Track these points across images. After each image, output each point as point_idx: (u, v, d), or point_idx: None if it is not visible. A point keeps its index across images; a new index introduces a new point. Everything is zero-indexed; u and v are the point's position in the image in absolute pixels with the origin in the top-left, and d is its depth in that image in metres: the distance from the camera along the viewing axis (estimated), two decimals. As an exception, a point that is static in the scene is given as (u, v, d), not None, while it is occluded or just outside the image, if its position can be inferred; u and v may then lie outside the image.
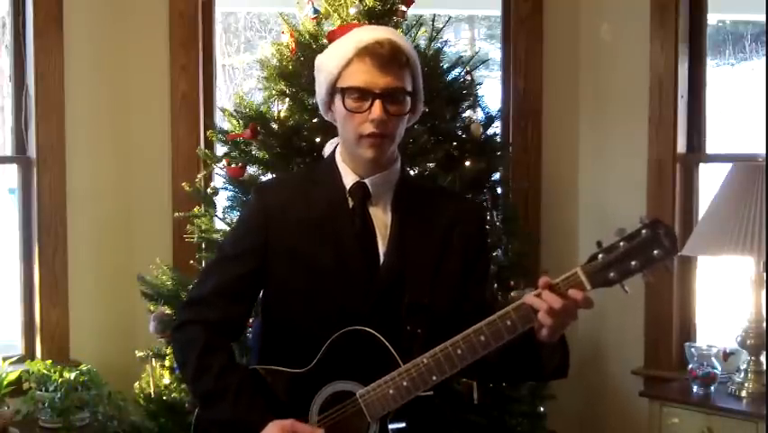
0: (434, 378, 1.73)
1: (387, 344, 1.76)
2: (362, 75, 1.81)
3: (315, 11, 2.92)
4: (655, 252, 1.62)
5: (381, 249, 1.87)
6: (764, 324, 2.88)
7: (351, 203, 1.89)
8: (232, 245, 1.98)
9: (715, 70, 3.62)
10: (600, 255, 1.65)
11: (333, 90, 1.86)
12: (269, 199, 1.94)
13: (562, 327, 1.71)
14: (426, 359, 1.73)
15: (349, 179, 1.90)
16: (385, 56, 1.80)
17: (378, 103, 1.79)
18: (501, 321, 1.70)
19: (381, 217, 1.90)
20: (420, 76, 1.89)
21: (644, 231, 1.63)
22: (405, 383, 1.74)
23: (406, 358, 1.75)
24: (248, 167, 2.92)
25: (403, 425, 1.78)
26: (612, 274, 1.65)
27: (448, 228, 1.90)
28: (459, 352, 1.71)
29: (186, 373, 1.92)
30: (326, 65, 1.87)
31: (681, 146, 3.35)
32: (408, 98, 1.85)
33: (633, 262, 1.63)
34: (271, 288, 1.93)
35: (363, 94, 1.81)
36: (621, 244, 1.64)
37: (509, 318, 1.69)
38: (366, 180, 1.89)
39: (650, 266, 1.63)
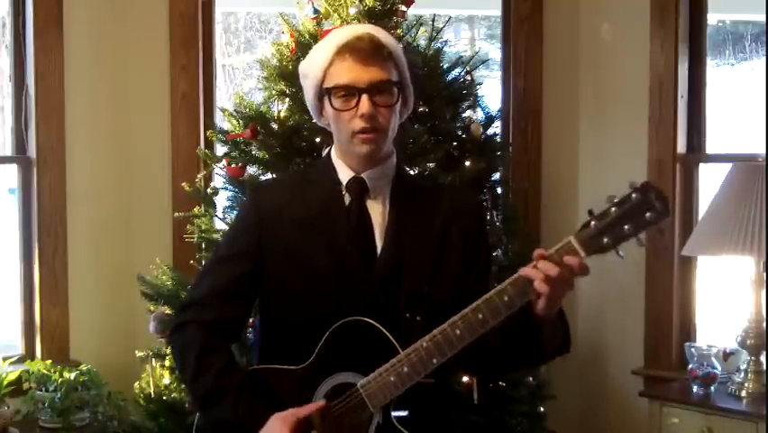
0: (435, 361, 1.71)
1: (385, 332, 1.75)
2: (345, 72, 1.80)
3: (315, 11, 2.91)
4: (648, 215, 1.60)
5: (379, 243, 1.86)
6: (764, 324, 2.88)
7: (347, 199, 1.89)
8: (226, 247, 1.99)
9: (715, 70, 3.62)
10: (593, 222, 1.63)
11: (321, 93, 1.86)
12: (262, 200, 1.94)
13: (559, 297, 1.68)
14: (426, 342, 1.71)
15: (345, 175, 1.89)
16: (365, 50, 1.80)
17: (365, 97, 1.79)
18: (498, 297, 1.68)
19: (379, 212, 1.89)
20: (405, 67, 1.88)
21: (634, 195, 1.62)
22: (405, 369, 1.72)
23: (405, 346, 1.74)
24: (248, 167, 2.92)
25: (406, 413, 1.77)
26: (606, 240, 1.62)
27: (446, 220, 1.89)
28: (458, 332, 1.69)
29: (185, 375, 1.91)
30: (310, 69, 1.87)
31: (681, 146, 3.35)
32: (396, 89, 1.84)
33: (626, 227, 1.61)
34: (269, 288, 1.92)
35: (349, 90, 1.80)
36: (613, 209, 1.62)
37: (506, 294, 1.67)
38: (363, 175, 1.88)
39: (643, 229, 1.61)
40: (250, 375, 1.88)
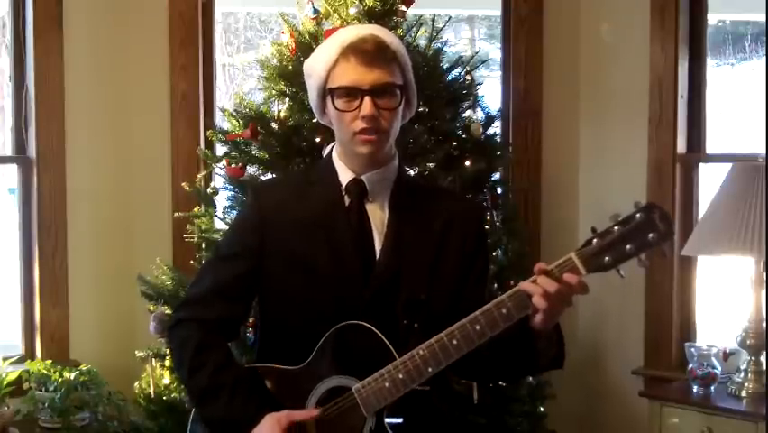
0: (430, 369, 1.72)
1: (382, 337, 1.76)
2: (349, 73, 1.80)
3: (315, 11, 2.92)
4: (650, 235, 1.60)
5: (378, 246, 1.87)
6: (764, 324, 2.88)
7: (347, 201, 1.89)
8: (227, 245, 1.99)
9: (715, 70, 3.62)
10: (595, 240, 1.65)
11: (324, 93, 1.86)
12: (264, 200, 1.94)
13: (557, 313, 1.70)
14: (422, 350, 1.72)
15: (345, 176, 1.90)
16: (370, 51, 1.79)
17: (367, 99, 1.79)
18: (497, 309, 1.69)
19: (379, 215, 1.89)
20: (410, 68, 1.88)
21: (638, 215, 1.62)
22: (400, 376, 1.73)
23: (402, 352, 1.74)
24: (248, 167, 2.92)
25: (400, 420, 1.78)
26: (607, 259, 1.63)
27: (445, 226, 1.89)
28: (454, 342, 1.70)
29: (181, 371, 1.92)
30: (314, 69, 1.87)
31: (681, 146, 3.35)
32: (399, 92, 1.84)
33: (628, 247, 1.61)
34: (268, 287, 1.92)
35: (352, 92, 1.80)
36: (615, 228, 1.63)
37: (504, 306, 1.68)
38: (363, 177, 1.88)
39: (645, 250, 1.61)
40: (246, 373, 1.88)
